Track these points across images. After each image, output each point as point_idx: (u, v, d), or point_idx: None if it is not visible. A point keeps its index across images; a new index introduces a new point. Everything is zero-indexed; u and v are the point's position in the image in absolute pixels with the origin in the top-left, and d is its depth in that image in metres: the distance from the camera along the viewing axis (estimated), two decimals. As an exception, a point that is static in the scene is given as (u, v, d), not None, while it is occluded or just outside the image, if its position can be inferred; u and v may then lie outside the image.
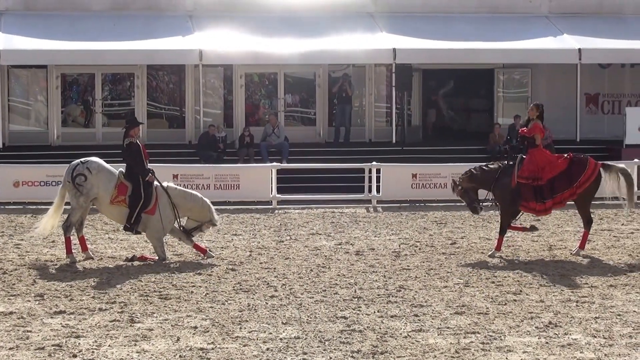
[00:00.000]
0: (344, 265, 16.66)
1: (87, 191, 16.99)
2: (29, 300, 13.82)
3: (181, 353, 10.95)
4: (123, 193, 17.00)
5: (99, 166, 17.15)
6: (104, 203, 17.16)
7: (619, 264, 16.92)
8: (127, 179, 17.07)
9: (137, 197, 16.95)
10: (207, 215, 17.42)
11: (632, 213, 23.82)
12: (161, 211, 17.04)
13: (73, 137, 30.51)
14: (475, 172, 18.15)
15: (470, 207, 18.38)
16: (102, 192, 17.03)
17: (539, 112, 17.78)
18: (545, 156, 17.64)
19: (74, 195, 17.06)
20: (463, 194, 18.29)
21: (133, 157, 17.10)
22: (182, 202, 17.27)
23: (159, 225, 17.04)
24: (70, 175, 17.08)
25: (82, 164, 17.12)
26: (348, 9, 31.73)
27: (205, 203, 17.47)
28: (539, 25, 31.69)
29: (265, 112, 32.06)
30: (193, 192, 17.87)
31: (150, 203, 17.03)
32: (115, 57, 29.31)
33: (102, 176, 17.05)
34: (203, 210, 17.42)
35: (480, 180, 18.08)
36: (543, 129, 17.74)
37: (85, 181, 16.97)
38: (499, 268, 16.40)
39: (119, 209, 17.11)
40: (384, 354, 10.91)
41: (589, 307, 13.33)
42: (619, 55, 31.37)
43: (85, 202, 17.07)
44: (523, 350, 11.08)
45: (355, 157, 28.90)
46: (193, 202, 17.37)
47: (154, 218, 17.04)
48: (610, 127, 32.44)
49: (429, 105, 33.35)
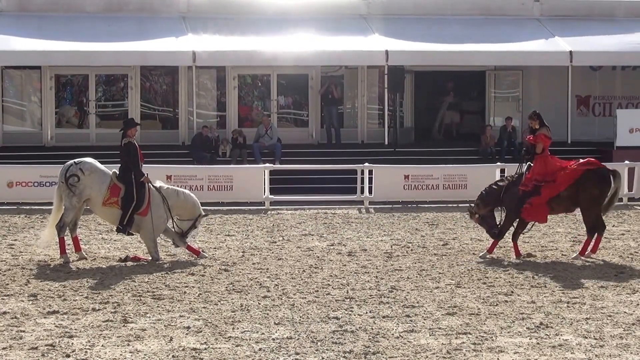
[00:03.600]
0: (337, 266, 16.72)
1: (79, 192, 17.05)
2: (22, 300, 13.85)
3: (174, 353, 10.99)
4: (116, 195, 17.05)
5: (92, 167, 17.20)
6: (96, 204, 17.23)
7: (610, 265, 17.00)
8: (121, 181, 17.12)
9: (130, 199, 17.00)
10: (196, 211, 17.52)
11: (623, 215, 23.95)
12: (153, 212, 17.10)
13: (67, 138, 30.51)
14: (485, 194, 18.11)
15: (490, 233, 18.19)
16: (94, 193, 17.09)
17: (539, 121, 17.83)
18: (552, 163, 17.66)
19: (67, 196, 17.12)
20: (481, 221, 18.22)
21: (130, 157, 17.16)
22: (176, 200, 17.34)
23: (151, 226, 17.10)
24: (63, 176, 17.15)
25: (76, 165, 17.18)
26: (341, 11, 31.80)
27: (194, 198, 17.61)
28: (531, 28, 31.78)
29: (258, 114, 32.10)
30: (184, 190, 17.97)
31: (143, 205, 17.08)
32: (109, 58, 29.32)
33: (95, 177, 17.11)
34: (194, 207, 17.52)
35: (493, 200, 18.05)
36: (547, 138, 17.72)
37: (78, 182, 17.03)
38: (491, 269, 16.47)
39: (111, 211, 17.17)
40: (376, 355, 10.97)
41: (580, 308, 13.40)
42: (610, 57, 31.45)
43: (78, 202, 17.14)
44: (514, 350, 11.13)
45: (347, 158, 28.94)
46: (185, 200, 17.45)
47: (146, 219, 17.09)
48: (601, 129, 32.52)
49: (446, 108, 33.46)
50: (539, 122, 17.83)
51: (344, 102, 32.38)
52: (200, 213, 17.60)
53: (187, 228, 17.49)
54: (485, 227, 18.27)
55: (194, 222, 17.56)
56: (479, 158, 30.22)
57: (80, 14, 30.63)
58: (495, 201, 18.06)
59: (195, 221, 17.56)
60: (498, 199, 17.98)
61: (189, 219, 17.49)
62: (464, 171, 26.94)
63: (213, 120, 31.53)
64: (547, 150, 17.78)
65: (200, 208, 17.66)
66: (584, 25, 31.94)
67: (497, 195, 17.97)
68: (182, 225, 17.46)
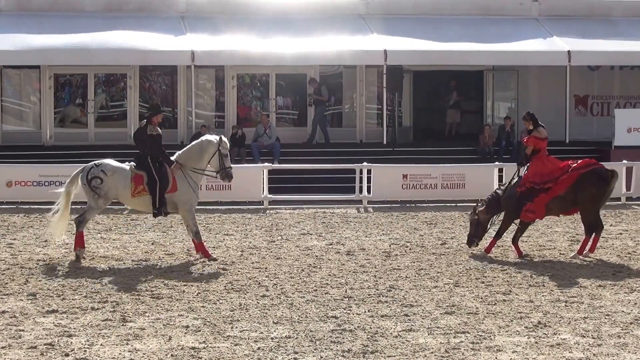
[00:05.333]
0: (335, 265, 16.75)
1: (105, 193, 17.29)
2: (21, 299, 13.87)
3: (173, 352, 11.01)
4: (140, 183, 17.30)
5: (113, 167, 17.42)
6: (126, 198, 17.53)
7: (608, 264, 17.04)
8: (139, 169, 17.31)
9: (154, 181, 17.20)
10: (212, 144, 17.46)
11: (621, 214, 23.98)
12: (181, 186, 17.31)
13: (66, 137, 30.52)
14: (490, 199, 18.13)
15: (469, 240, 18.22)
16: (121, 191, 17.36)
17: (532, 121, 17.85)
18: (549, 164, 17.69)
19: (92, 197, 17.33)
20: (475, 224, 18.14)
21: (157, 147, 17.40)
22: (193, 157, 17.46)
23: (186, 198, 17.31)
24: (85, 179, 17.28)
25: (97, 167, 17.39)
26: (339, 11, 31.82)
27: (197, 143, 17.66)
28: (529, 28, 31.80)
29: (257, 113, 32.11)
30: (193, 144, 17.94)
31: (169, 183, 17.29)
32: (108, 57, 29.32)
33: (118, 176, 17.35)
34: (206, 144, 17.50)
35: (496, 206, 18.08)
36: (538, 140, 17.73)
37: (101, 184, 17.22)
38: (489, 268, 16.50)
39: (142, 199, 17.42)
40: (375, 354, 11.00)
41: (578, 307, 13.43)
42: (608, 57, 31.46)
43: (105, 203, 17.49)
44: (512, 349, 11.17)
45: (346, 157, 28.95)
46: (199, 150, 17.52)
47: (178, 194, 17.32)
48: (599, 129, 32.56)
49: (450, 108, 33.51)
50: (532, 122, 17.86)
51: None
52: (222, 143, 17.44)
53: (218, 162, 17.42)
54: (471, 230, 18.23)
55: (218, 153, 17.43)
56: (477, 158, 30.24)
57: (79, 14, 30.62)
58: (497, 208, 18.07)
59: (218, 152, 17.42)
60: (499, 205, 18.01)
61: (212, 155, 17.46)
62: (463, 171, 26.98)
63: (212, 120, 31.54)
64: (543, 151, 17.79)
65: (218, 139, 17.57)
66: (583, 25, 31.96)
67: (499, 202, 18.01)
68: (213, 164, 17.48)
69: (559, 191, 17.50)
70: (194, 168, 17.42)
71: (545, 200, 17.49)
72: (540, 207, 17.56)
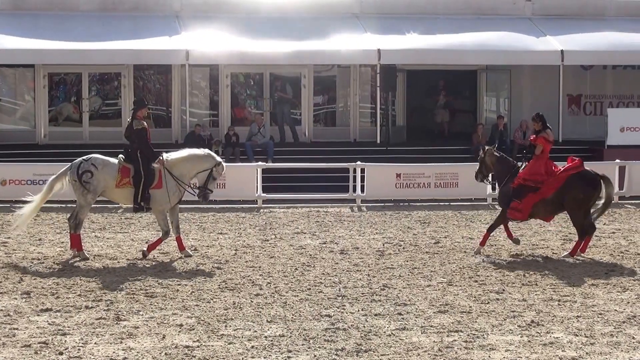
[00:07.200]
0: (329, 264, 16.78)
1: (94, 187, 17.33)
2: (15, 298, 13.89)
3: (167, 351, 11.04)
4: (127, 175, 17.39)
5: (103, 161, 17.53)
6: (111, 189, 17.54)
7: (601, 263, 17.09)
8: (128, 162, 17.41)
9: (140, 176, 17.29)
10: (210, 161, 17.65)
11: (613, 213, 24.03)
12: (167, 184, 17.37)
13: (60, 136, 30.52)
14: (498, 156, 18.54)
15: (475, 174, 18.96)
16: (109, 182, 17.41)
17: (541, 122, 17.95)
18: (545, 166, 17.77)
19: (81, 194, 17.38)
20: (480, 160, 18.78)
21: (142, 141, 17.50)
22: (184, 165, 17.56)
23: (165, 198, 17.39)
24: (76, 174, 17.29)
25: (86, 161, 17.47)
26: (334, 10, 31.84)
27: (200, 152, 17.83)
28: (522, 27, 31.83)
29: (251, 112, 32.13)
30: (188, 151, 18.05)
31: (155, 179, 17.37)
32: (102, 56, 29.31)
33: (107, 169, 17.45)
34: (205, 158, 17.64)
35: (498, 166, 18.44)
36: (547, 141, 17.85)
37: (92, 177, 17.29)
38: (482, 267, 16.55)
39: (126, 191, 17.48)
40: (368, 352, 11.03)
41: (571, 306, 13.48)
42: (601, 56, 31.51)
43: (93, 198, 17.50)
44: (505, 348, 11.21)
45: (339, 156, 28.98)
46: (192, 160, 17.63)
47: (161, 191, 17.39)
48: (592, 128, 32.61)
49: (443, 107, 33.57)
50: (541, 124, 17.96)
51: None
52: (217, 162, 17.63)
53: (205, 180, 17.59)
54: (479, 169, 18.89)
55: (211, 171, 17.60)
56: (470, 157, 30.26)
57: (74, 13, 30.60)
58: (496, 169, 18.71)
59: (211, 171, 17.61)
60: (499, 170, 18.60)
61: (204, 169, 17.61)
62: (456, 170, 27.00)
63: (206, 119, 31.57)
64: (546, 153, 17.90)
65: (214, 156, 17.76)
66: (576, 25, 32.01)
67: (502, 168, 18.55)
68: (200, 179, 17.63)
69: (547, 193, 17.61)
70: (178, 176, 17.44)
71: (533, 201, 17.59)
72: (527, 207, 17.66)
